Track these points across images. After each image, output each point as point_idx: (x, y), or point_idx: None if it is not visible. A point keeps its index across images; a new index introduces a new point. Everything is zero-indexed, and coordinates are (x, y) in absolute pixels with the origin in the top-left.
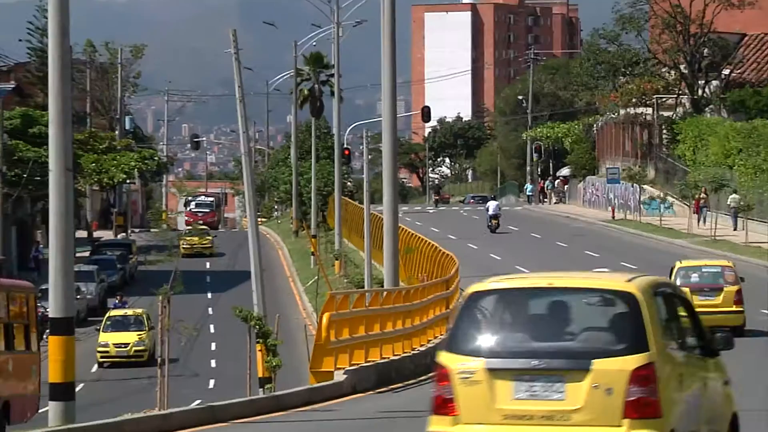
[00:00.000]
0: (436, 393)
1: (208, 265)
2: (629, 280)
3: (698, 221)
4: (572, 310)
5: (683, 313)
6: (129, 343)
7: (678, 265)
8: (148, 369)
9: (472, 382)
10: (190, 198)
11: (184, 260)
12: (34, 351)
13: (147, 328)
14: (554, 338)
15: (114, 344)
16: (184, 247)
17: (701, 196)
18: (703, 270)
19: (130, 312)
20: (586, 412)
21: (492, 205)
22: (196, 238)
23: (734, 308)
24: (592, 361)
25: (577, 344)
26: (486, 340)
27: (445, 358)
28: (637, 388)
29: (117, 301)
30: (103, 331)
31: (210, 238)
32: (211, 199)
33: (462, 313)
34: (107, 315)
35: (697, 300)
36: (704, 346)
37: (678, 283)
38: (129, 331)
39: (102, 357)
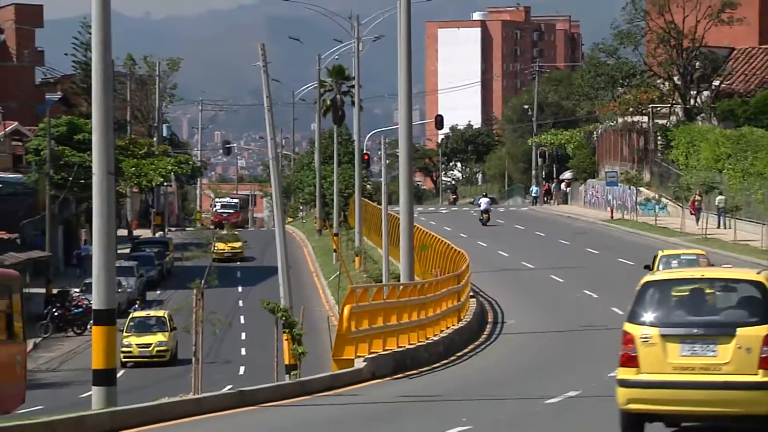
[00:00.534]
0: (623, 352)
1: (238, 261)
2: (759, 272)
3: (697, 221)
4: (718, 294)
5: None
6: (151, 344)
7: (661, 253)
8: (171, 369)
9: (650, 344)
10: (216, 200)
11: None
12: (18, 341)
13: (169, 329)
14: (707, 313)
15: (137, 345)
16: (215, 253)
17: (696, 198)
18: (681, 257)
19: (152, 313)
20: (733, 365)
21: (483, 201)
22: (226, 245)
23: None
24: (737, 329)
25: (724, 318)
26: (658, 314)
27: (629, 327)
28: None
29: (137, 306)
30: (126, 333)
31: (240, 243)
32: (236, 200)
33: (639, 295)
34: (130, 317)
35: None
36: None
37: (660, 267)
38: (151, 332)
39: (125, 357)
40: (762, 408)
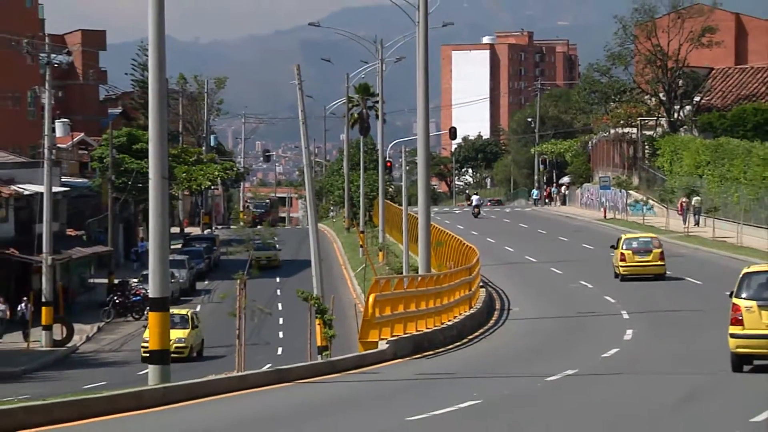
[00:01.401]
0: (733, 317)
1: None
2: None
3: (684, 221)
4: None
5: None
6: (170, 340)
7: (623, 237)
8: (189, 365)
9: (751, 311)
10: (250, 201)
11: (256, 252)
12: None
13: (191, 327)
14: None
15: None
16: (253, 260)
17: (684, 200)
18: (640, 239)
19: (176, 311)
20: None
21: (474, 198)
22: (263, 253)
23: (659, 263)
24: None
25: None
26: (755, 292)
27: (736, 300)
28: None
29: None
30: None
31: (276, 253)
32: (267, 201)
33: (741, 281)
34: None
35: (636, 258)
36: None
37: (624, 248)
38: (174, 329)
39: (145, 352)
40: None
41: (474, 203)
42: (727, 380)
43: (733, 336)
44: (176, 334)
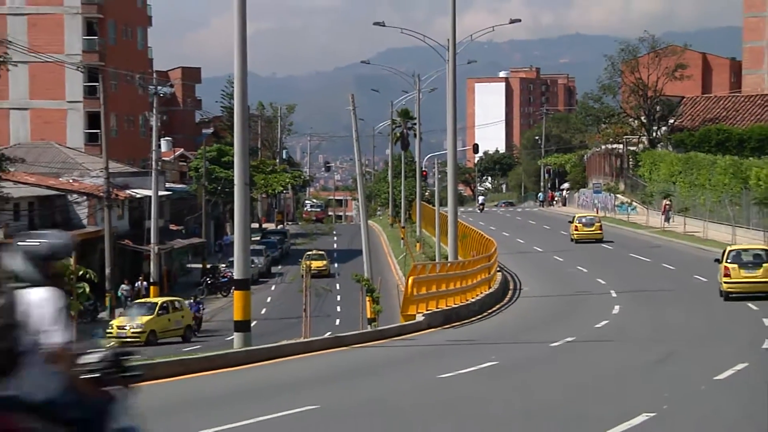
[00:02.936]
0: (725, 272)
1: (335, 245)
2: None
3: (667, 220)
4: (753, 252)
5: None
6: (125, 327)
7: (576, 216)
8: (145, 349)
9: (734, 269)
10: (307, 201)
11: (317, 244)
12: None
13: (155, 314)
14: (751, 256)
15: (117, 326)
16: (303, 269)
17: (667, 203)
18: (587, 217)
19: (152, 300)
20: (763, 278)
21: (480, 198)
22: (315, 263)
23: (599, 231)
24: (762, 264)
25: (757, 260)
26: (734, 259)
27: (725, 263)
28: None
29: (193, 301)
30: (120, 315)
31: (324, 262)
32: (321, 202)
33: (727, 254)
34: (135, 302)
35: (583, 229)
36: None
37: (576, 223)
38: (139, 315)
39: (109, 336)
40: (764, 287)
41: (479, 202)
42: (696, 346)
43: (725, 282)
44: (136, 321)
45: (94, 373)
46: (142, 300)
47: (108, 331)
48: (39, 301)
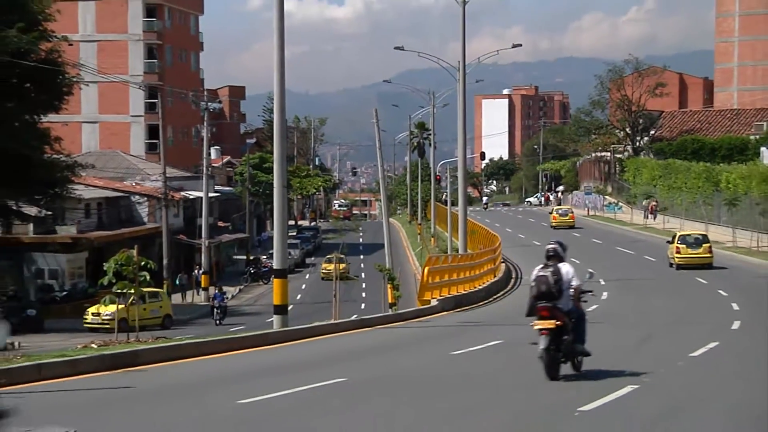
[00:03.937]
0: (676, 249)
1: (361, 239)
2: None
3: (653, 218)
4: (694, 236)
5: None
6: (100, 313)
7: (553, 209)
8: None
9: (682, 249)
10: (336, 201)
11: (328, 266)
12: None
13: (128, 303)
14: (694, 239)
15: (92, 313)
16: (323, 272)
17: (653, 204)
18: (562, 209)
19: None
20: (702, 254)
21: (484, 198)
22: (331, 266)
23: (572, 220)
24: (702, 244)
25: (699, 240)
26: (682, 241)
27: (676, 243)
28: None
29: (217, 291)
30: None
31: (344, 265)
32: (348, 202)
33: (677, 237)
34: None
35: (560, 218)
36: None
37: (554, 213)
38: (112, 304)
39: (85, 324)
40: (709, 260)
41: (484, 201)
42: (674, 327)
43: (676, 257)
44: (109, 308)
45: None
46: (119, 291)
47: (85, 317)
48: None
